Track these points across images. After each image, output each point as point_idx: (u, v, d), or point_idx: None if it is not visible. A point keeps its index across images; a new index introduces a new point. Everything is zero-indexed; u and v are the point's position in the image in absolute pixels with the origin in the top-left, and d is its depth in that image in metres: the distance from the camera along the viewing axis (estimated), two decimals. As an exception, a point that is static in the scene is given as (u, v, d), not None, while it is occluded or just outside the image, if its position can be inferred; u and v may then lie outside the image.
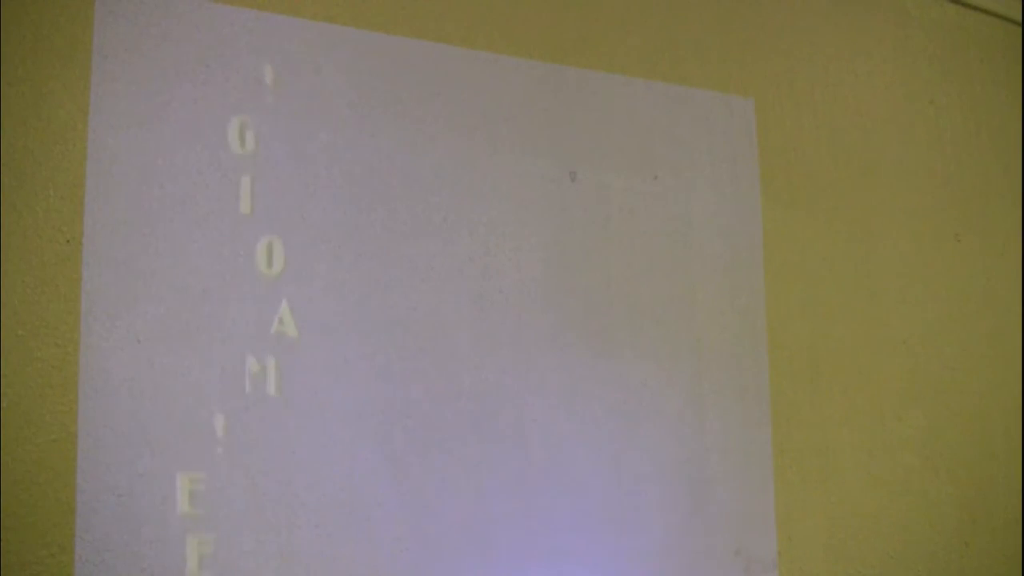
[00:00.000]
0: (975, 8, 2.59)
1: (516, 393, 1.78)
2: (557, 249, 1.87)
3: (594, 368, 1.87)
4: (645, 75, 2.03)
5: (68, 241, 1.45)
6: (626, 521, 1.86)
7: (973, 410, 2.40)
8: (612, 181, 1.95)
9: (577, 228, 1.90)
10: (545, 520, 1.78)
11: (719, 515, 1.97)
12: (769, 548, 2.02)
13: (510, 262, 1.82)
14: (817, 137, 2.27)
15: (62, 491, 1.40)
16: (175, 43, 1.56)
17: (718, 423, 2.00)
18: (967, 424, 2.38)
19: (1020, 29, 2.66)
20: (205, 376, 1.52)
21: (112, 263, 1.47)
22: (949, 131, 2.49)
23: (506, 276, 1.81)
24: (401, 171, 1.73)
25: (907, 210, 2.38)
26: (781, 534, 2.05)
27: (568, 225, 1.89)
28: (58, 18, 1.48)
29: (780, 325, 2.13)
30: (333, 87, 1.68)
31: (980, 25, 2.60)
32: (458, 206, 1.78)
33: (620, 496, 1.86)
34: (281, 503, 1.55)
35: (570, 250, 1.89)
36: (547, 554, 1.77)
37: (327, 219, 1.65)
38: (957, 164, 2.49)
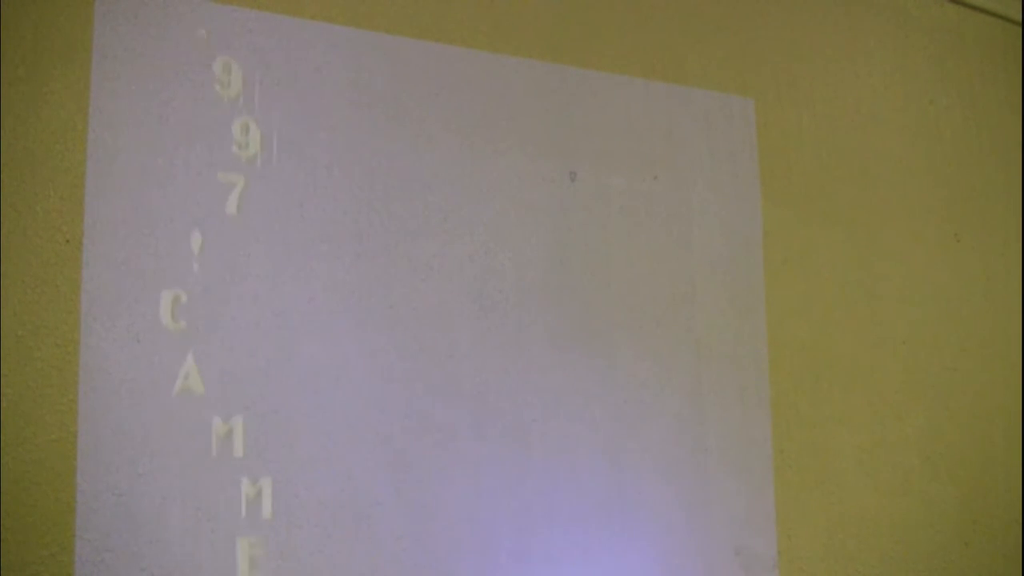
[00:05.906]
0: (975, 8, 2.59)
1: (516, 393, 1.78)
2: (557, 249, 1.87)
3: (594, 367, 1.87)
4: (645, 75, 2.03)
5: (68, 241, 1.45)
6: (626, 521, 1.86)
7: (973, 410, 2.40)
8: (612, 181, 1.95)
9: (577, 228, 1.90)
10: (545, 519, 1.78)
11: (719, 515, 1.97)
12: (769, 548, 2.02)
13: (510, 262, 1.82)
14: (817, 137, 2.27)
15: (62, 491, 1.40)
16: (175, 43, 1.56)
17: (718, 423, 2.00)
18: (967, 424, 2.38)
19: (1020, 29, 2.66)
20: (204, 376, 1.52)
21: (112, 263, 1.47)
22: (949, 131, 2.49)
23: (506, 276, 1.81)
24: (401, 171, 1.73)
25: (907, 210, 2.38)
26: (781, 534, 2.05)
27: (568, 225, 1.89)
28: (58, 18, 1.48)
29: (780, 325, 2.13)
30: (333, 87, 1.68)
31: (980, 25, 2.60)
32: (458, 206, 1.78)
33: (620, 496, 1.86)
34: (281, 503, 1.55)
35: (570, 250, 1.89)
36: (547, 554, 1.77)
37: (327, 218, 1.65)
38: (957, 164, 2.49)
